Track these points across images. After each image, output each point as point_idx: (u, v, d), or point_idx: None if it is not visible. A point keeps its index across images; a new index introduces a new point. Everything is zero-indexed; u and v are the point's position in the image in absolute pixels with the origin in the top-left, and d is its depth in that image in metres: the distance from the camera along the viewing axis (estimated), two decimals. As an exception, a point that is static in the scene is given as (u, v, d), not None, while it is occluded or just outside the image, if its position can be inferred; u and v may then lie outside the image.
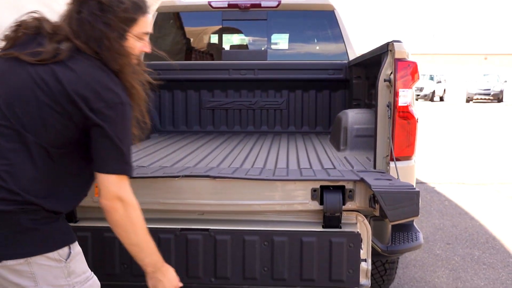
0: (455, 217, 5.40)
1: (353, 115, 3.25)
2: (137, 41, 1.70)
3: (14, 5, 2.46)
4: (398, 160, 2.44)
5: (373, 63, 3.11)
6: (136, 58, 1.75)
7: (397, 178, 2.35)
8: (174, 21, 4.96)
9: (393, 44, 2.46)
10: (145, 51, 1.78)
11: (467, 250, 4.36)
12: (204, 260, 2.32)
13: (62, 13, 1.68)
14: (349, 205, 2.35)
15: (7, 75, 1.60)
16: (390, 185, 2.15)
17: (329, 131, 4.09)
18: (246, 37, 5.11)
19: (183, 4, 4.87)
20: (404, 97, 2.43)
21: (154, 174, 2.38)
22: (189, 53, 5.02)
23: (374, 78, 2.76)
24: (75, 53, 1.60)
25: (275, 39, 4.95)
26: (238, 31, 5.15)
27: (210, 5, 4.63)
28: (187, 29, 5.05)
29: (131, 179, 2.35)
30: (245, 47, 5.10)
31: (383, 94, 2.53)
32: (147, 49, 1.77)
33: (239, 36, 5.26)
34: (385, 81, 2.51)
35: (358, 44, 4.84)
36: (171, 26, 4.99)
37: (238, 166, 2.69)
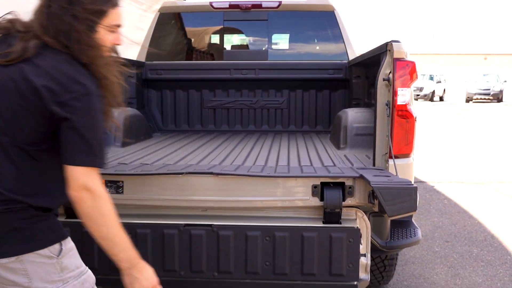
0: (454, 215, 5.45)
1: (353, 114, 3.30)
2: (108, 33, 1.69)
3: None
4: (397, 157, 2.49)
5: (372, 63, 3.16)
6: (111, 49, 1.74)
7: (396, 175, 2.40)
8: (175, 22, 5.00)
9: (392, 44, 2.51)
10: (117, 44, 1.76)
11: (465, 248, 4.41)
12: (207, 255, 2.37)
13: (34, 9, 1.68)
14: (349, 201, 2.40)
15: None
16: (388, 181, 2.21)
17: (329, 130, 4.14)
18: (247, 37, 5.15)
19: (184, 4, 4.91)
20: (402, 96, 2.48)
21: (159, 171, 2.43)
22: (191, 53, 5.07)
23: (373, 78, 2.81)
24: (42, 50, 1.60)
25: (275, 39, 4.99)
26: (239, 31, 5.19)
27: (212, 6, 4.67)
28: (188, 29, 5.09)
29: (136, 176, 2.43)
30: (246, 47, 5.15)
31: (382, 93, 2.58)
32: (119, 41, 1.76)
33: (240, 36, 5.30)
34: (384, 80, 2.56)
35: (358, 44, 4.88)
36: (173, 27, 5.04)
37: (240, 163, 2.74)
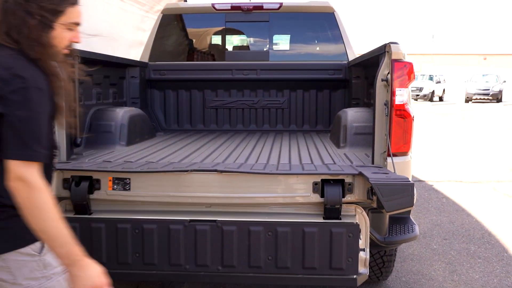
0: (452, 213, 5.52)
1: (352, 114, 3.37)
2: (66, 31, 1.71)
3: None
4: (395, 155, 2.57)
5: (371, 63, 3.24)
6: (66, 47, 1.75)
7: (394, 172, 2.48)
8: (178, 23, 5.08)
9: (390, 45, 2.59)
10: (75, 41, 1.78)
11: (463, 245, 4.49)
12: (212, 249, 2.45)
13: None
14: (349, 197, 2.48)
15: None
16: (386, 178, 2.29)
17: (329, 129, 4.21)
18: (248, 38, 5.22)
19: (187, 6, 4.99)
20: (400, 96, 2.56)
21: (164, 169, 2.51)
22: (193, 54, 5.15)
23: (372, 78, 2.89)
24: None
25: (276, 40, 5.06)
26: (241, 32, 5.27)
27: (214, 7, 4.75)
28: (191, 30, 5.17)
29: (143, 174, 2.50)
30: (247, 48, 5.22)
31: (380, 93, 2.65)
32: (77, 39, 1.77)
33: (242, 37, 5.37)
34: (382, 80, 2.64)
35: (357, 45, 4.96)
36: (176, 28, 5.11)
37: (243, 161, 2.82)
